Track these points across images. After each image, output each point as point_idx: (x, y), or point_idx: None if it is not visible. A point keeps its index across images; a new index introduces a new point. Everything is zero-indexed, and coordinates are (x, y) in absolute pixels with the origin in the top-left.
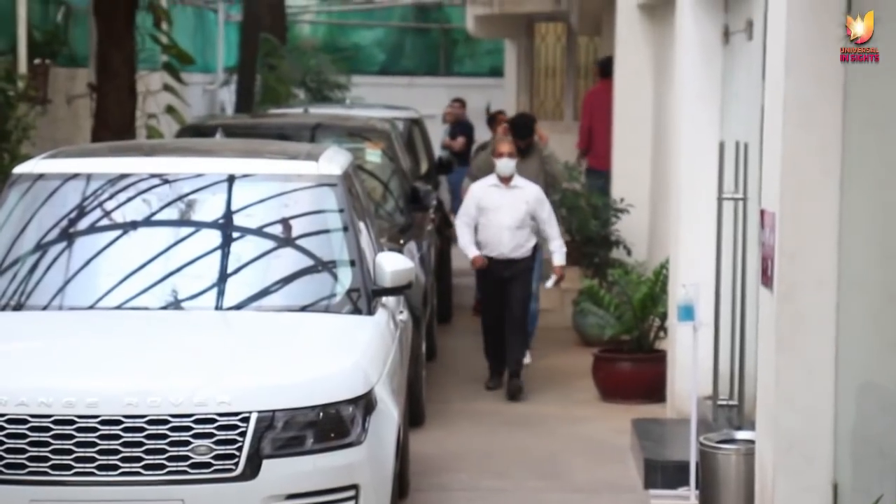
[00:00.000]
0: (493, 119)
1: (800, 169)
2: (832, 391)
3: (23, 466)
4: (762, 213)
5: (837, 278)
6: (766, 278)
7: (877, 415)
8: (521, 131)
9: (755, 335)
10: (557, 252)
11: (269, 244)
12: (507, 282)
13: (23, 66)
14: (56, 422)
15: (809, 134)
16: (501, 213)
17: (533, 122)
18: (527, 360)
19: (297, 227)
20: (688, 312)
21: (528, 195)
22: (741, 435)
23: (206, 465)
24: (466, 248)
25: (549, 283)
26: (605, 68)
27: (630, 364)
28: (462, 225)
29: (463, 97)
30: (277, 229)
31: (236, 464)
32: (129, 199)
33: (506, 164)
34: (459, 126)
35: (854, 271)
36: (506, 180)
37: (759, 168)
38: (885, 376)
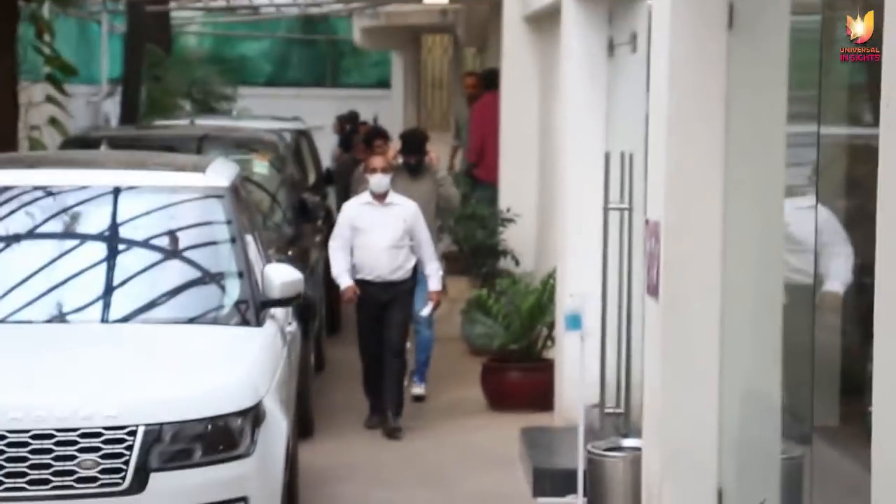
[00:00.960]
0: (369, 138)
1: (684, 179)
2: (717, 398)
3: None
4: (647, 222)
5: (721, 287)
6: (652, 288)
7: (760, 421)
8: (411, 147)
9: (641, 344)
10: (433, 276)
11: (156, 256)
12: (385, 306)
13: None
14: None
15: (693, 145)
16: (377, 232)
17: (425, 139)
18: (420, 390)
19: (185, 239)
20: (575, 322)
21: (405, 212)
22: (628, 442)
23: (93, 479)
24: (339, 277)
25: (425, 312)
26: (488, 80)
27: (518, 373)
28: (336, 249)
29: (355, 110)
30: (164, 241)
31: (123, 478)
32: (13, 212)
33: (379, 181)
34: (344, 138)
35: (737, 280)
36: (380, 198)
37: (645, 178)
38: (766, 383)
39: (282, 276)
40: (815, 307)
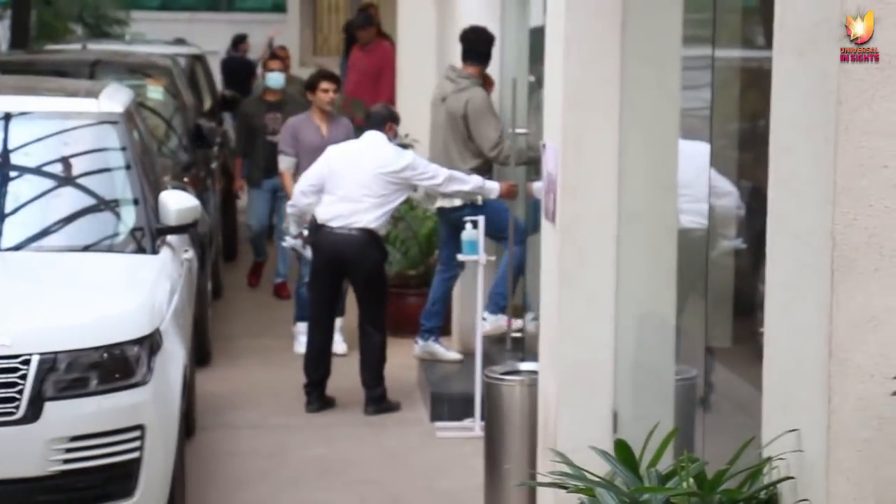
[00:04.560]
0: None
1: (580, 103)
2: (612, 322)
3: None
4: (544, 147)
5: (617, 211)
6: (549, 212)
7: (654, 344)
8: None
9: (538, 268)
10: None
11: (49, 183)
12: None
13: None
14: None
15: (589, 70)
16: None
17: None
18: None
19: (78, 166)
20: (472, 247)
21: None
22: (525, 367)
23: None
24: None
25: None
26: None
27: (416, 299)
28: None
29: (246, 33)
30: (57, 168)
31: (17, 407)
32: None
33: None
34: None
35: (632, 204)
36: None
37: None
38: (661, 306)
39: (178, 202)
40: (710, 231)
